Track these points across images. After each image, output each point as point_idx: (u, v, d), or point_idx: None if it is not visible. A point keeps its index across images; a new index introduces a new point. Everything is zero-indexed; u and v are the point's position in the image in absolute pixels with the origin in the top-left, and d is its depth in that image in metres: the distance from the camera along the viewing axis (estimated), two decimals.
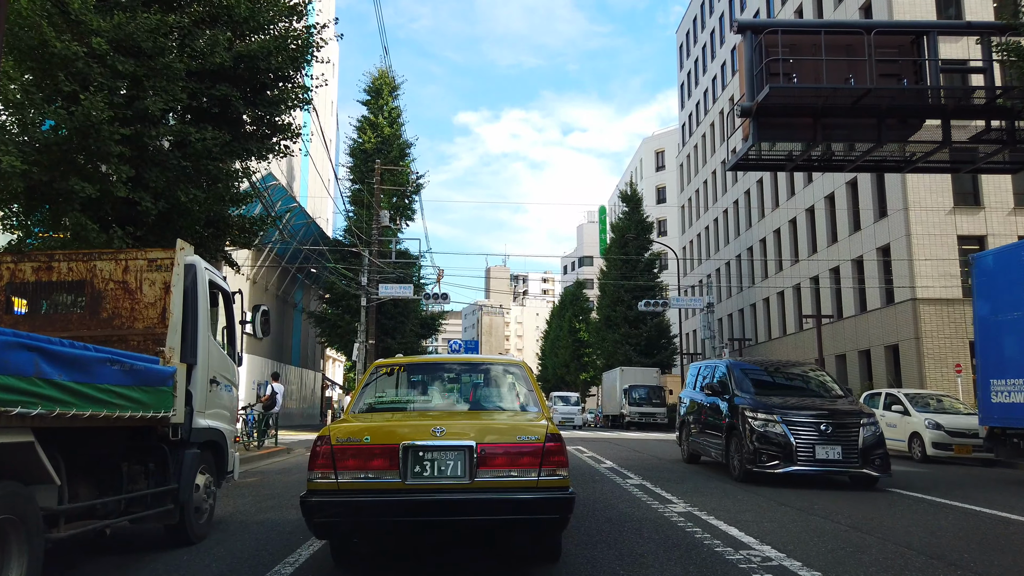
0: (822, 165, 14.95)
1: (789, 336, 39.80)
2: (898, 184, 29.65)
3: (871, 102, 12.60)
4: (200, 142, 9.38)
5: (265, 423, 16.74)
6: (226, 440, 6.53)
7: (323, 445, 4.44)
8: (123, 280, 5.80)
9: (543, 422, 4.74)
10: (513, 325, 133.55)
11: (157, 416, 5.13)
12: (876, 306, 31.26)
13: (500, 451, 4.47)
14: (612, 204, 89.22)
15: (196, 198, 9.55)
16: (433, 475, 4.39)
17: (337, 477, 4.38)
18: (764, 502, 8.14)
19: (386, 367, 5.78)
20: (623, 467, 12.19)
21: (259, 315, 7.42)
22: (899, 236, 29.54)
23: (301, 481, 10.41)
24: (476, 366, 6.06)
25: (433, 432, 4.47)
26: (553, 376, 74.15)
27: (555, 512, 4.54)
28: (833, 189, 35.01)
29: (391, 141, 36.55)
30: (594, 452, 15.86)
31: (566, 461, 4.64)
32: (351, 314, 33.56)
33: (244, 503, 8.23)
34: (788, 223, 40.05)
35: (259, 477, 11.21)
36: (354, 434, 4.49)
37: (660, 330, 46.39)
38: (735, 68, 49.27)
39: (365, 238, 33.04)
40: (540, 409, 5.31)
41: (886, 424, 15.68)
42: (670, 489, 9.14)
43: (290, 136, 11.45)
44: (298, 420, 38.17)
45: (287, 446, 17.49)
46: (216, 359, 6.43)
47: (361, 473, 4.39)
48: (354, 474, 4.38)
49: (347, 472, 4.38)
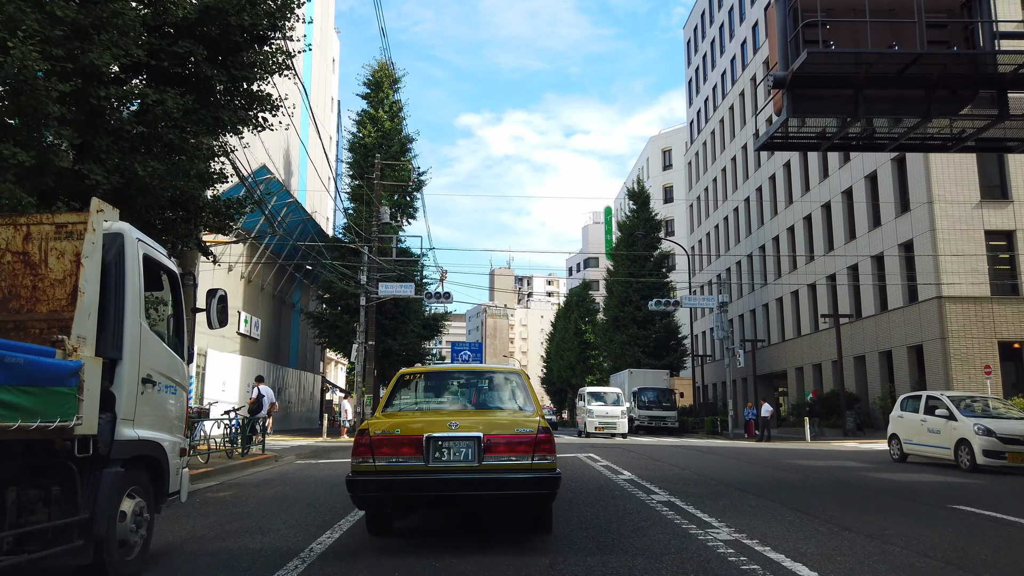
0: (861, 144, 13.62)
1: (804, 337, 38.39)
2: (921, 177, 28.29)
3: (919, 71, 11.27)
4: (159, 105, 8.12)
5: (251, 429, 15.46)
6: (166, 454, 5.24)
7: (364, 437, 5.56)
8: (23, 251, 4.54)
9: (536, 419, 5.86)
10: (517, 328, 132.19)
11: (50, 426, 3.86)
12: (898, 305, 29.87)
13: (502, 441, 5.55)
14: (618, 204, 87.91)
15: (155, 172, 8.28)
16: (449, 459, 5.50)
17: (375, 461, 5.49)
18: (821, 526, 6.82)
19: (409, 375, 7.09)
20: (644, 479, 10.88)
21: (215, 301, 6.15)
22: (923, 231, 28.16)
23: (281, 497, 9.18)
24: (482, 374, 7.40)
25: (450, 426, 5.58)
26: (558, 379, 72.75)
27: (546, 488, 5.63)
28: (851, 184, 33.63)
29: (392, 136, 35.29)
30: (608, 460, 14.55)
31: (554, 449, 5.71)
32: (350, 314, 32.27)
33: (203, 525, 6.95)
34: (803, 220, 38.66)
35: (233, 491, 9.93)
36: (388, 428, 5.64)
37: (669, 331, 45.00)
38: (745, 62, 47.97)
39: (365, 235, 31.79)
40: (535, 408, 6.42)
41: (927, 430, 14.35)
42: (705, 507, 7.83)
43: (269, 108, 10.20)
44: (296, 424, 36.90)
45: (276, 453, 16.22)
46: (153, 353, 5.15)
47: (393, 458, 5.49)
48: (388, 459, 5.49)
49: (382, 457, 5.49)
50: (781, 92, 11.72)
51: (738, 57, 49.89)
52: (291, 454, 17.29)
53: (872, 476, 12.16)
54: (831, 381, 34.93)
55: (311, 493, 9.56)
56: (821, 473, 12.64)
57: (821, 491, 9.90)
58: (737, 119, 49.37)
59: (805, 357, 38.21)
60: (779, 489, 10.04)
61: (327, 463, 14.74)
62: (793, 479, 11.58)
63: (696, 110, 60.80)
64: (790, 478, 11.72)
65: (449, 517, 7.22)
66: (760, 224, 44.67)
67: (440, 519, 7.19)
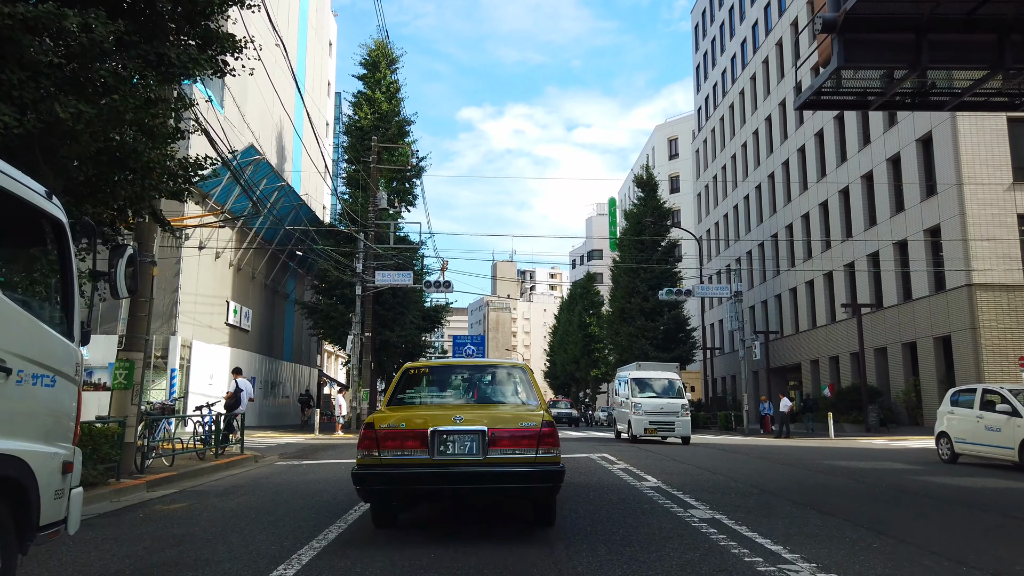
0: (916, 102, 12.01)
1: (820, 328, 36.78)
2: (950, 158, 26.65)
3: (991, 11, 9.69)
4: (85, 32, 6.55)
5: (228, 426, 13.92)
6: (32, 472, 3.68)
7: (369, 430, 5.67)
8: None
9: (540, 412, 5.93)
10: (520, 321, 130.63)
11: None
12: (924, 294, 28.25)
13: (506, 434, 5.65)
14: (622, 195, 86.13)
15: (82, 115, 6.71)
16: (454, 453, 5.60)
17: (380, 455, 5.59)
18: (926, 558, 5.26)
19: (414, 369, 7.05)
20: (675, 487, 9.32)
21: (122, 262, 4.58)
22: (951, 215, 26.52)
23: (242, 511, 7.59)
24: (486, 368, 7.22)
25: (454, 420, 5.71)
26: (562, 373, 71.09)
27: (549, 481, 5.66)
28: (872, 167, 31.97)
29: (389, 117, 33.61)
30: (627, 463, 12.99)
31: (558, 442, 5.74)
32: (346, 304, 30.68)
33: (123, 556, 5.40)
34: (819, 206, 37.00)
35: (188, 502, 8.39)
36: (393, 422, 5.73)
37: (678, 323, 43.31)
38: (757, 44, 46.25)
39: (361, 221, 30.20)
40: (538, 402, 6.42)
41: (984, 428, 12.77)
42: (761, 528, 6.28)
43: (231, 49, 8.61)
44: (291, 420, 35.40)
45: (256, 453, 14.67)
46: (9, 329, 3.59)
47: (398, 451, 5.60)
48: (393, 452, 5.60)
49: (387, 451, 5.60)
50: (830, 38, 10.13)
51: (749, 40, 48.16)
52: (275, 454, 15.77)
53: (931, 481, 10.59)
54: (849, 374, 33.36)
55: (281, 505, 8.02)
56: (870, 477, 11.08)
57: (887, 502, 8.34)
58: (748, 104, 47.67)
59: (821, 349, 36.62)
60: (835, 499, 8.49)
61: (311, 465, 13.20)
62: (843, 485, 10.01)
63: (704, 96, 59.08)
64: (839, 484, 10.16)
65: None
66: (772, 212, 43.02)
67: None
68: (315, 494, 8.84)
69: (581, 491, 8.81)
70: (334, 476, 10.89)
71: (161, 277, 23.63)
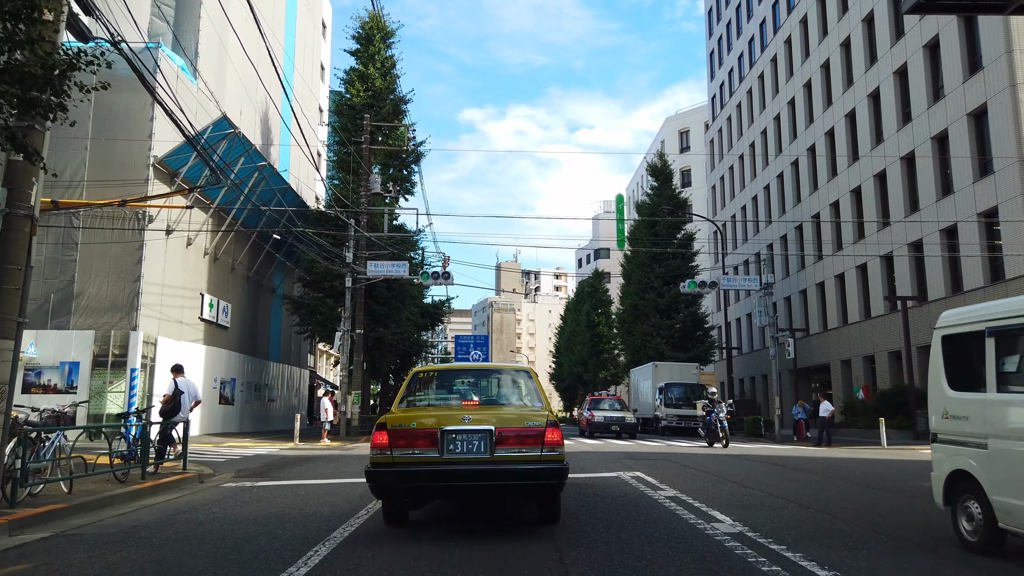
0: None
1: (852, 325, 33.86)
2: (1007, 131, 23.76)
3: None
4: None
5: (164, 438, 11.09)
6: None
7: (382, 430, 5.93)
8: None
9: (545, 413, 6.30)
10: (525, 322, 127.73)
11: None
12: (978, 284, 25.32)
13: (513, 434, 5.93)
14: (630, 192, 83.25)
15: None
16: (463, 452, 5.88)
17: (392, 453, 5.87)
18: None
19: (423, 373, 7.72)
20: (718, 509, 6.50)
21: None
22: (1012, 196, 23.62)
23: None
24: (492, 372, 7.87)
25: (463, 420, 5.98)
26: (569, 375, 68.14)
27: (554, 479, 5.93)
28: (913, 147, 29.06)
29: (383, 95, 30.79)
30: (644, 473, 10.16)
31: (562, 441, 6.02)
32: (335, 298, 27.84)
33: None
34: (850, 193, 34.10)
35: (43, 559, 5.54)
36: (404, 421, 6.02)
37: (696, 320, 40.43)
38: (778, 24, 43.38)
39: (352, 206, 27.41)
40: (543, 403, 6.90)
41: None
42: None
43: None
44: (278, 425, 32.62)
45: (207, 469, 11.84)
46: None
47: (409, 450, 5.87)
48: (404, 451, 5.88)
49: (399, 449, 5.87)
50: None
51: (768, 20, 45.31)
52: (232, 470, 12.93)
53: None
54: (887, 376, 30.43)
55: (172, 569, 5.20)
56: None
57: None
58: (768, 88, 44.80)
59: (854, 348, 33.70)
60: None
61: (265, 489, 10.33)
62: None
63: (719, 83, 56.24)
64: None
65: None
66: (796, 201, 40.13)
67: None
68: (237, 544, 6.01)
69: (627, 528, 5.97)
70: (285, 509, 8.08)
71: (119, 263, 20.87)
